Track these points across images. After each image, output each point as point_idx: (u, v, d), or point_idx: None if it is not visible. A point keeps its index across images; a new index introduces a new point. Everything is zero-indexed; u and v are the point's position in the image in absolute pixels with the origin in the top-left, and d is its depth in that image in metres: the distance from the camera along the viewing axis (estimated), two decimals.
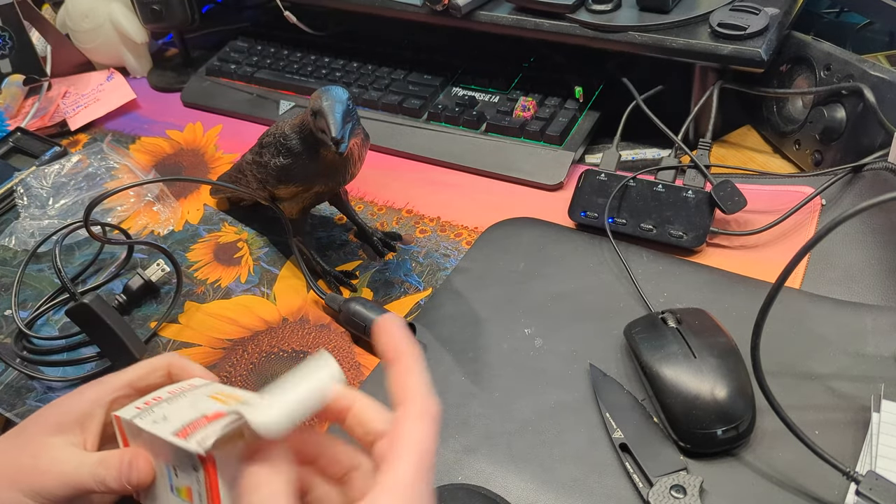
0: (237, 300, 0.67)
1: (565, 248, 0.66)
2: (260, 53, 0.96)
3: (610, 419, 0.51)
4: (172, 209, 0.78)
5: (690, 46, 0.69)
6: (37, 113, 0.94)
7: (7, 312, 0.67)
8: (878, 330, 0.55)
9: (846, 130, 0.67)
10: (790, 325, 0.56)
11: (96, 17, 0.97)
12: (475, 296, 0.63)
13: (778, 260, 0.63)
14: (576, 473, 0.49)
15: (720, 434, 0.48)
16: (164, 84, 0.99)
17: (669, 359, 0.51)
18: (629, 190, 0.68)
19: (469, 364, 0.57)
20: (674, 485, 0.46)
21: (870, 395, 0.49)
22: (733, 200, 0.64)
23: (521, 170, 0.75)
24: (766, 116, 0.76)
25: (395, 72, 0.88)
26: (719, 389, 0.48)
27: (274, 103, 0.90)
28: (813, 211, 0.67)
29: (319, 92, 0.56)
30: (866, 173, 0.65)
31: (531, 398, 0.54)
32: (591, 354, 0.56)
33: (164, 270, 0.68)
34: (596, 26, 0.72)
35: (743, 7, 0.69)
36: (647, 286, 0.61)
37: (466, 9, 0.77)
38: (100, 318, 0.59)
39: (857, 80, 0.65)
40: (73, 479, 0.41)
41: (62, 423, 0.42)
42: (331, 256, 0.70)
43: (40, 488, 0.40)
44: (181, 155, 0.87)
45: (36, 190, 0.79)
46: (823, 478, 0.46)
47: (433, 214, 0.73)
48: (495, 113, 0.80)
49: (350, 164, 0.62)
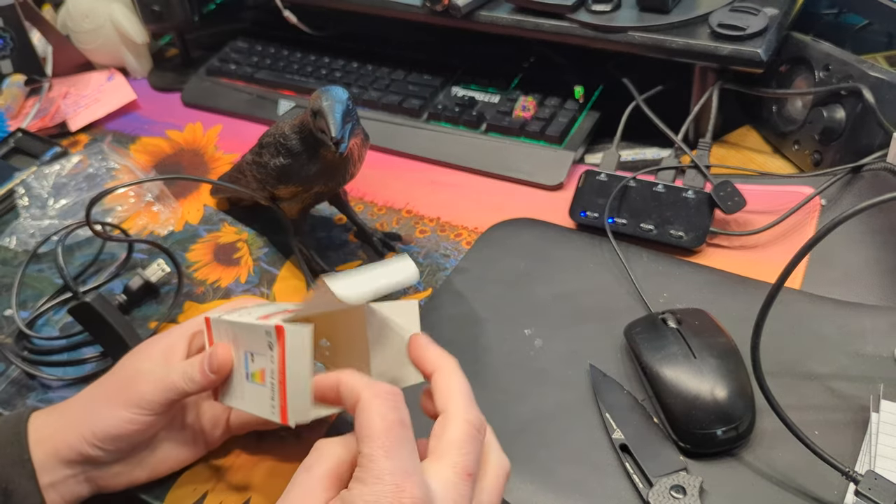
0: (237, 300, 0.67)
1: (565, 248, 0.66)
2: (260, 53, 0.96)
3: (610, 419, 0.51)
4: (172, 209, 0.78)
5: (690, 47, 0.69)
6: (37, 113, 0.94)
7: (7, 312, 0.67)
8: (878, 330, 0.55)
9: (845, 131, 0.67)
10: (790, 325, 0.56)
11: (97, 18, 0.97)
12: (475, 296, 0.63)
13: (778, 260, 0.63)
14: (576, 474, 0.49)
15: (720, 434, 0.48)
16: (164, 84, 0.99)
17: (669, 359, 0.51)
18: (629, 190, 0.68)
19: (469, 364, 0.57)
20: (674, 485, 0.46)
21: (869, 395, 0.49)
22: (733, 200, 0.64)
23: (521, 170, 0.75)
24: (766, 117, 0.76)
25: (395, 72, 0.88)
26: (719, 390, 0.49)
27: (274, 103, 0.90)
28: (812, 211, 0.67)
29: (319, 92, 0.56)
30: (866, 173, 0.65)
31: (531, 398, 0.54)
32: (591, 355, 0.56)
33: (165, 271, 0.68)
34: (596, 26, 0.72)
35: (742, 7, 0.69)
36: (647, 286, 0.61)
37: (466, 9, 0.77)
38: (102, 316, 0.59)
39: (856, 81, 0.65)
40: (164, 382, 0.47)
41: (151, 354, 0.49)
42: (331, 256, 0.70)
43: (139, 398, 0.47)
44: (181, 155, 0.87)
45: (36, 190, 0.79)
46: (823, 478, 0.46)
47: (433, 214, 0.73)
48: (495, 113, 0.80)
49: (350, 164, 0.62)
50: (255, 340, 0.42)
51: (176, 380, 0.47)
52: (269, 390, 0.41)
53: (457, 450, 0.37)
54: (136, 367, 0.49)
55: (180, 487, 0.52)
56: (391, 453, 0.35)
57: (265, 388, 0.42)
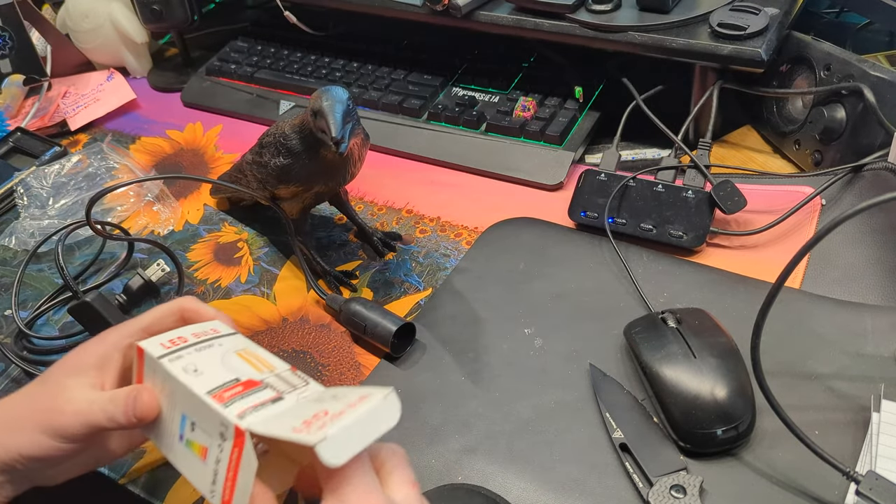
0: (237, 300, 0.67)
1: (565, 248, 0.66)
2: (260, 53, 0.96)
3: (610, 419, 0.51)
4: (173, 209, 0.78)
5: (690, 46, 0.69)
6: (37, 113, 0.94)
7: (7, 312, 0.67)
8: (878, 330, 0.55)
9: (846, 130, 0.67)
10: (790, 325, 0.56)
11: (96, 17, 0.97)
12: (475, 296, 0.63)
13: (778, 260, 0.63)
14: (576, 473, 0.49)
15: (720, 434, 0.48)
16: (164, 84, 0.99)
17: (669, 359, 0.51)
18: (629, 190, 0.68)
19: (469, 364, 0.57)
20: (674, 485, 0.46)
21: (870, 395, 0.49)
22: (733, 200, 0.64)
23: (521, 170, 0.75)
24: (766, 116, 0.76)
25: (395, 72, 0.88)
26: (719, 389, 0.48)
27: (274, 103, 0.90)
28: (813, 211, 0.67)
29: (319, 92, 0.56)
30: (866, 173, 0.65)
31: (531, 398, 0.54)
32: (591, 354, 0.56)
33: (164, 270, 0.68)
34: (596, 26, 0.72)
35: (743, 7, 0.69)
36: (647, 286, 0.61)
37: (466, 9, 0.77)
38: (101, 315, 0.59)
39: (857, 80, 0.65)
40: (86, 416, 0.43)
41: (81, 366, 0.45)
42: (331, 256, 0.70)
43: (59, 426, 0.43)
44: (181, 155, 0.87)
45: (36, 190, 0.79)
46: (823, 478, 0.46)
47: (433, 214, 0.73)
48: (495, 113, 0.80)
49: (350, 164, 0.62)
50: (202, 415, 0.39)
51: (97, 415, 0.43)
52: (210, 473, 0.38)
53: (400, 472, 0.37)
54: (64, 382, 0.44)
55: (180, 487, 0.52)
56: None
57: (206, 466, 0.38)
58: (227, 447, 0.37)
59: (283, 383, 0.41)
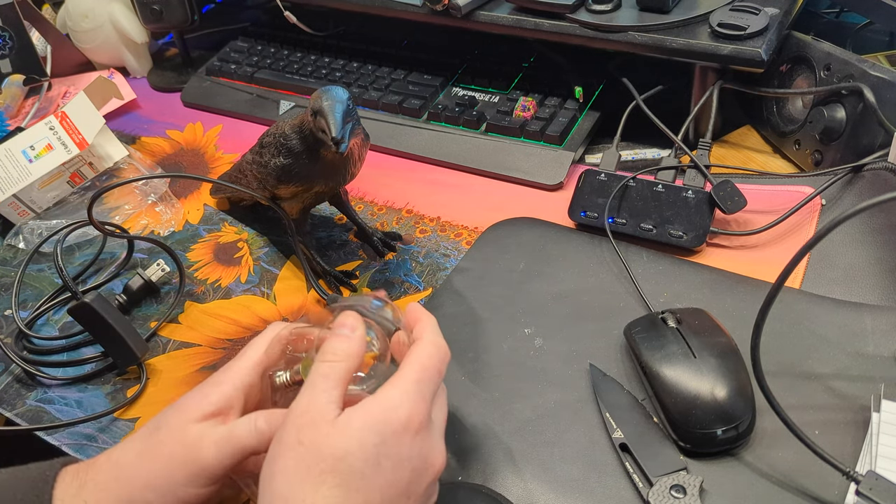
0: (237, 300, 0.67)
1: (565, 248, 0.66)
2: (260, 53, 0.96)
3: (610, 419, 0.51)
4: (175, 210, 0.78)
5: (690, 46, 0.69)
6: (37, 113, 0.94)
7: (7, 312, 0.67)
8: (878, 330, 0.55)
9: (846, 130, 0.67)
10: (790, 325, 0.56)
11: (96, 17, 0.97)
12: (475, 296, 0.63)
13: (778, 260, 0.63)
14: (576, 473, 0.49)
15: (720, 434, 0.48)
16: (164, 84, 0.99)
17: (669, 359, 0.51)
18: (629, 190, 0.68)
19: (469, 364, 0.57)
20: (674, 485, 0.46)
21: (870, 395, 0.49)
22: (733, 200, 0.64)
23: (521, 170, 0.75)
24: (766, 116, 0.76)
25: (395, 72, 0.88)
26: (719, 389, 0.48)
27: (274, 103, 0.90)
28: (813, 211, 0.67)
29: (319, 92, 0.56)
30: (866, 173, 0.65)
31: (531, 398, 0.54)
32: (591, 354, 0.56)
33: (165, 270, 0.68)
34: (596, 26, 0.72)
35: (743, 7, 0.69)
36: (647, 286, 0.61)
37: (466, 9, 0.77)
38: (101, 316, 0.59)
39: (857, 80, 0.65)
40: (232, 443, 0.41)
41: (206, 412, 0.43)
42: (331, 256, 0.70)
43: (198, 469, 0.41)
44: (181, 155, 0.87)
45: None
46: (823, 478, 0.46)
47: (433, 214, 0.73)
48: (495, 113, 0.80)
49: (350, 164, 0.62)
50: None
51: (244, 436, 0.42)
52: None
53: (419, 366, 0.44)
54: (190, 427, 0.42)
55: None
56: (421, 384, 0.42)
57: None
58: None
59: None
